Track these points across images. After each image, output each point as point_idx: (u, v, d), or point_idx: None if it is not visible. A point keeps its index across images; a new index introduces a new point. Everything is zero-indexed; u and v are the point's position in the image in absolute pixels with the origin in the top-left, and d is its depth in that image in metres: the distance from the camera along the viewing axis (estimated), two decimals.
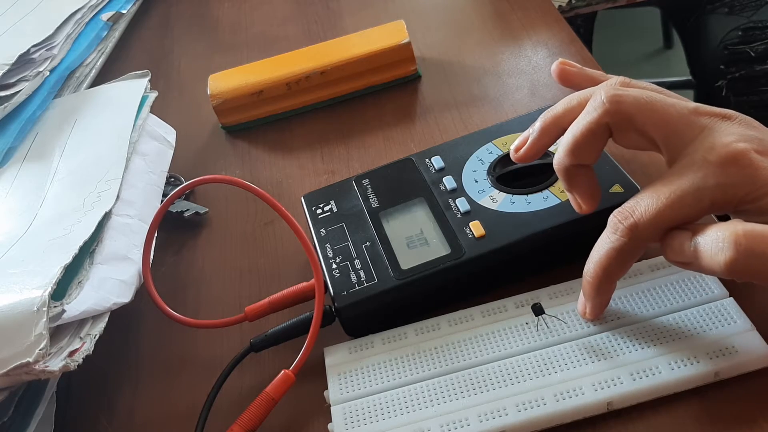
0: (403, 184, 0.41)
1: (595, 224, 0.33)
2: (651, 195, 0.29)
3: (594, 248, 0.31)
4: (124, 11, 0.68)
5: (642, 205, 0.29)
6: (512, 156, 0.36)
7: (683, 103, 0.31)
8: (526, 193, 0.37)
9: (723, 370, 0.30)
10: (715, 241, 0.27)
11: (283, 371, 0.34)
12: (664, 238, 0.30)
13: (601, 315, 0.33)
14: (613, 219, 0.30)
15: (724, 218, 0.30)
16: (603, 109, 0.31)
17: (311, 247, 0.36)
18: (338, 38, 0.56)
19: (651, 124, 0.31)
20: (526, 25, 0.56)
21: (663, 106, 0.31)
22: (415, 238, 0.37)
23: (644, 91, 0.31)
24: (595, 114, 0.31)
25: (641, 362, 0.31)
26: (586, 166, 0.33)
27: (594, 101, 0.31)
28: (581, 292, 0.32)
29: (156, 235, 0.39)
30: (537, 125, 0.35)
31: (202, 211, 0.47)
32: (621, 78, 0.33)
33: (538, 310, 0.34)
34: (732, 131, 0.29)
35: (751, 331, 0.31)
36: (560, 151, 0.33)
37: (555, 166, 0.33)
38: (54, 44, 0.57)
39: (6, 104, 0.50)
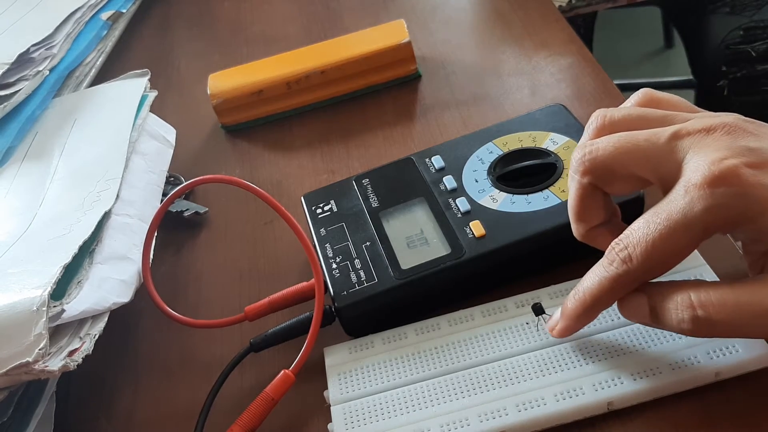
0: (403, 183, 0.41)
1: None
2: (644, 226, 0.28)
3: (587, 274, 0.30)
4: (123, 10, 0.67)
5: (635, 237, 0.28)
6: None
7: (659, 131, 0.29)
8: (527, 193, 0.37)
9: (723, 370, 0.30)
10: (674, 311, 0.27)
11: (283, 371, 0.34)
12: (620, 300, 0.30)
13: (567, 336, 0.32)
14: (610, 250, 0.29)
15: None
16: (579, 173, 0.30)
17: (311, 247, 0.36)
18: (338, 38, 0.56)
19: (631, 166, 0.29)
20: (526, 25, 0.56)
21: (635, 144, 0.29)
22: (415, 238, 0.37)
23: (612, 136, 0.30)
24: (575, 179, 0.31)
25: (642, 362, 0.31)
26: (604, 222, 0.32)
27: (570, 168, 0.31)
28: (559, 310, 0.32)
29: (156, 234, 0.39)
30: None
31: (201, 211, 0.47)
32: (595, 124, 0.31)
33: (538, 310, 0.34)
34: (718, 146, 0.27)
35: None
36: (571, 224, 0.32)
37: (578, 239, 0.33)
38: (53, 43, 0.57)
39: (5, 104, 0.50)
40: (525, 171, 0.39)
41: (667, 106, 0.32)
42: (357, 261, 0.37)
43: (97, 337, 0.35)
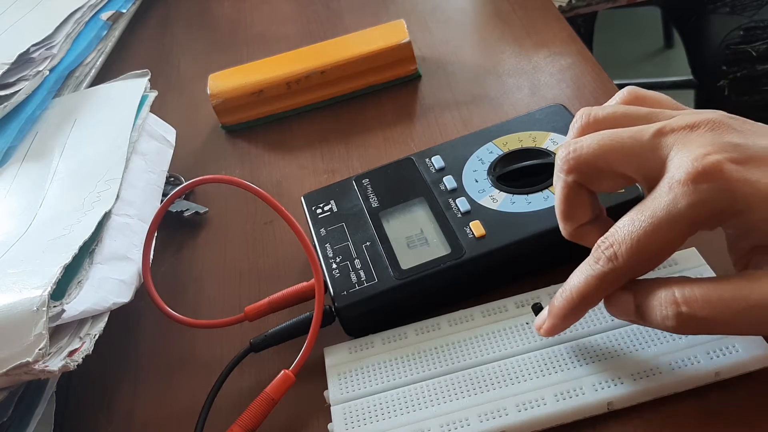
0: (403, 183, 0.41)
1: None
2: (629, 223, 0.28)
3: (574, 273, 0.30)
4: (123, 11, 0.68)
5: (621, 234, 0.28)
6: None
7: (643, 129, 0.29)
8: (527, 193, 0.37)
9: (723, 370, 0.30)
10: (659, 308, 0.27)
11: (283, 371, 0.34)
12: (607, 298, 0.29)
13: (554, 335, 0.32)
14: (596, 248, 0.29)
15: None
16: (563, 171, 0.30)
17: (311, 247, 0.36)
18: (338, 38, 0.56)
19: (616, 164, 0.29)
20: (526, 25, 0.56)
21: (619, 141, 0.29)
22: (415, 238, 0.37)
23: (595, 134, 0.30)
24: (560, 177, 0.31)
25: (642, 362, 0.31)
26: (591, 220, 0.31)
27: (555, 167, 0.31)
28: (546, 309, 0.31)
29: (156, 234, 0.39)
30: None
31: (201, 211, 0.47)
32: (579, 122, 0.31)
33: (538, 310, 0.34)
34: (703, 142, 0.27)
35: None
36: (559, 223, 0.32)
37: (566, 237, 0.32)
38: (53, 43, 0.57)
39: (6, 104, 0.50)
40: (525, 171, 0.39)
41: (653, 103, 0.31)
42: (357, 261, 0.37)
43: (97, 337, 0.35)
